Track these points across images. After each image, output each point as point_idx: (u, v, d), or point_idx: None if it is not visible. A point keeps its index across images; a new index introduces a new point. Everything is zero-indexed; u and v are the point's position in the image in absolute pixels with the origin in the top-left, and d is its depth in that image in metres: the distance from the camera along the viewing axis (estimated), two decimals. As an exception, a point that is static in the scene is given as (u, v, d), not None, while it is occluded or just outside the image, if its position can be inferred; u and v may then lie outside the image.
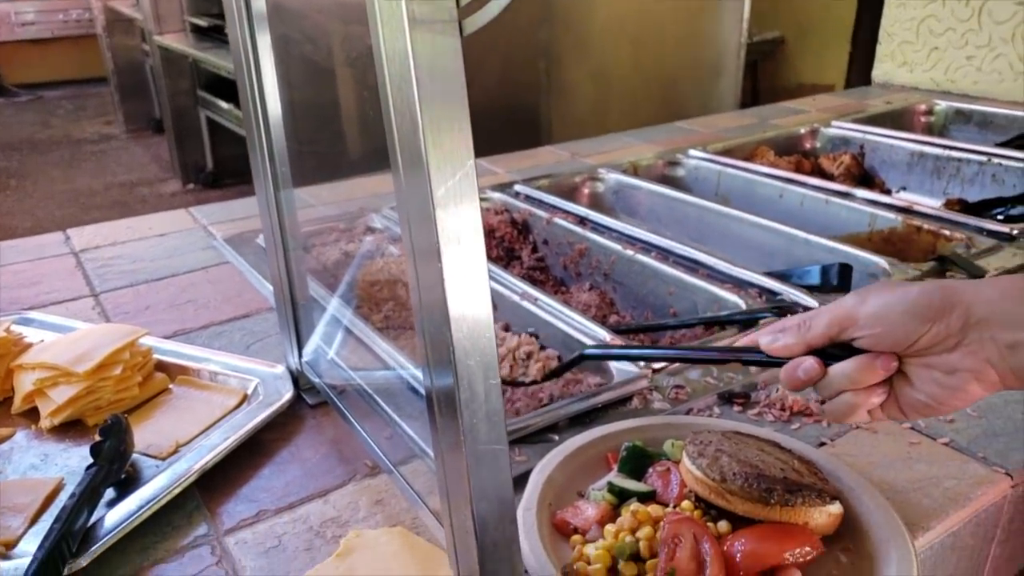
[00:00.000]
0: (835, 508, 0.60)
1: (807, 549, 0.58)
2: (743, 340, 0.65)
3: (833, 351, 0.58)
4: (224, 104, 3.95)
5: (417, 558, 0.62)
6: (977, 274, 1.03)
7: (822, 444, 0.74)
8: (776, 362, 0.60)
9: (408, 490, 0.67)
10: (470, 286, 0.47)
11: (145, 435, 0.74)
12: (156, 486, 0.66)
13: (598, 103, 3.04)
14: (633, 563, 0.58)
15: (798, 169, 1.69)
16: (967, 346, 0.53)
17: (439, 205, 0.44)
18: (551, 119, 2.96)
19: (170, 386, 0.83)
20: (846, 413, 0.58)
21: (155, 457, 0.72)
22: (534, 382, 0.82)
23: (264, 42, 0.71)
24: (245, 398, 0.81)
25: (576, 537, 0.62)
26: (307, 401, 0.83)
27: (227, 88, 3.89)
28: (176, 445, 0.73)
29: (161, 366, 0.85)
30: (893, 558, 0.58)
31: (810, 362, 0.58)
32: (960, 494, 0.67)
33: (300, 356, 0.83)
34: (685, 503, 0.62)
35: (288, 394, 0.80)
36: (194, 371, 0.85)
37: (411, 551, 0.63)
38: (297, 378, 0.84)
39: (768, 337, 0.60)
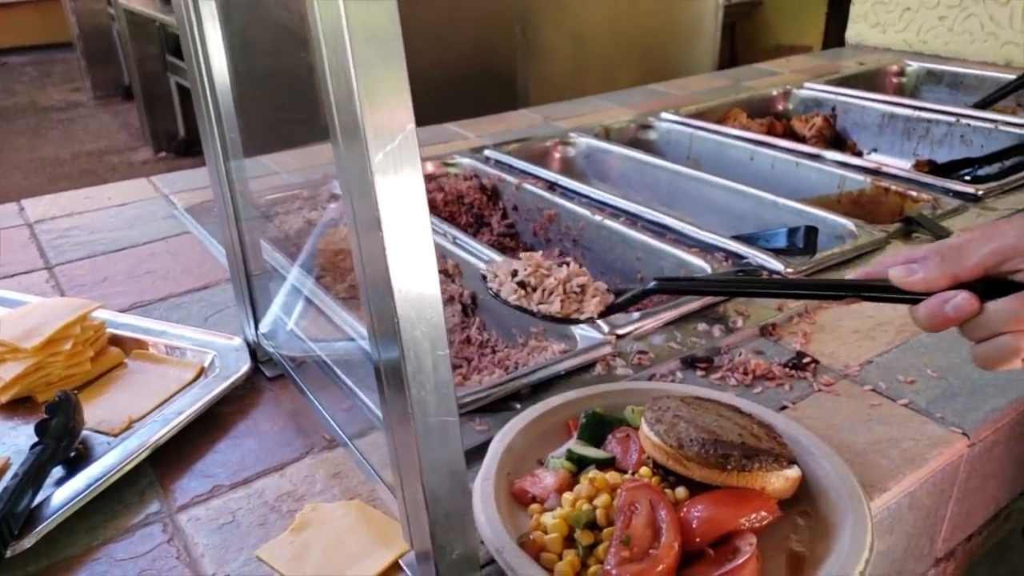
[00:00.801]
0: (793, 472, 0.60)
1: (763, 514, 0.58)
2: (863, 272, 0.60)
3: (978, 286, 0.52)
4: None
5: (373, 531, 0.61)
6: (942, 235, 1.03)
7: (783, 408, 0.74)
8: (910, 298, 0.54)
9: (364, 463, 0.67)
10: (414, 255, 0.45)
11: (97, 411, 0.73)
12: (106, 463, 0.64)
13: (575, 66, 3.01)
14: (590, 531, 0.58)
15: (770, 131, 1.68)
16: None
17: (378, 171, 0.43)
18: (528, 83, 2.92)
19: (125, 360, 0.82)
20: (1005, 358, 0.52)
21: (107, 434, 0.71)
22: (591, 319, 0.71)
23: (208, 5, 0.69)
24: (202, 371, 0.79)
25: (534, 506, 0.62)
26: (265, 373, 0.82)
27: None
28: (129, 421, 0.72)
29: (116, 340, 0.83)
30: (849, 521, 0.58)
31: (963, 296, 0.51)
32: (917, 455, 0.67)
33: (256, 328, 0.82)
34: (643, 469, 0.62)
35: (245, 367, 0.79)
36: (150, 345, 0.83)
37: (368, 524, 0.62)
38: (255, 350, 0.83)
39: (902, 269, 0.54)
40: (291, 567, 0.58)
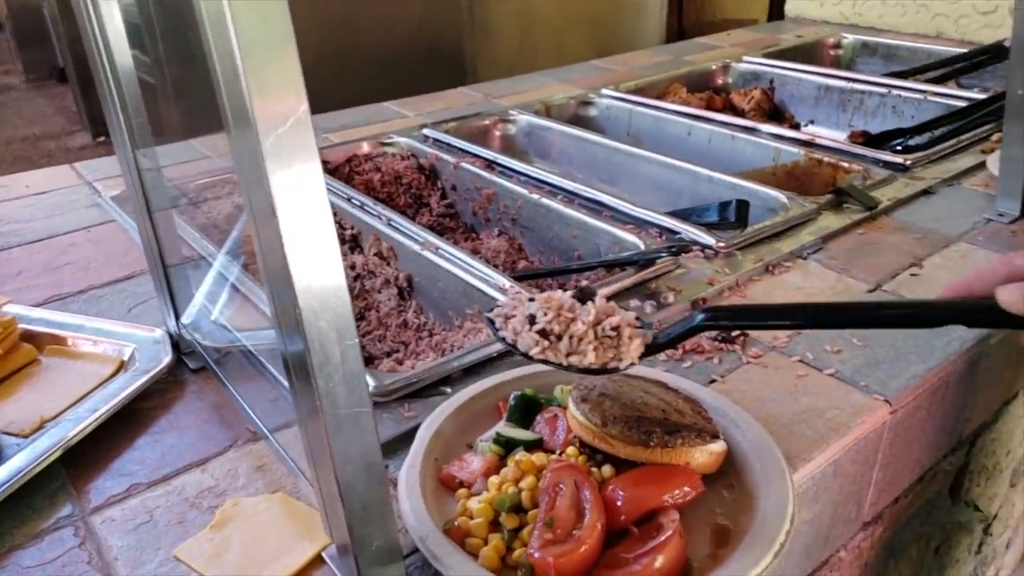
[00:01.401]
0: (717, 447, 0.60)
1: (687, 489, 0.58)
2: (956, 286, 0.52)
3: None
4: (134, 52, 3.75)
5: (296, 524, 0.60)
6: (871, 205, 1.04)
7: (712, 381, 0.74)
8: (1018, 324, 0.49)
9: (285, 456, 0.65)
10: (314, 243, 0.44)
11: (7, 412, 0.70)
12: (14, 466, 0.62)
13: (523, 42, 2.99)
14: (515, 514, 0.57)
15: (709, 106, 1.68)
16: None
17: (270, 155, 0.41)
18: (475, 60, 2.89)
19: (38, 357, 0.79)
20: None
21: (17, 435, 0.68)
22: (632, 365, 0.60)
23: (107, -14, 0.66)
24: (121, 366, 0.77)
25: (461, 491, 0.61)
26: (189, 366, 0.79)
27: (134, 32, 3.69)
28: (41, 421, 0.69)
29: (29, 336, 0.80)
30: (772, 491, 0.58)
31: None
32: (842, 423, 0.68)
33: (177, 319, 0.80)
34: (570, 449, 0.62)
35: (166, 360, 0.76)
36: (66, 340, 0.80)
37: (290, 517, 0.61)
38: (178, 342, 0.80)
39: (1017, 293, 0.48)
40: (209, 566, 0.57)
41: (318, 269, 0.44)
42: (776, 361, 0.76)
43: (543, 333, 0.59)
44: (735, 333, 0.79)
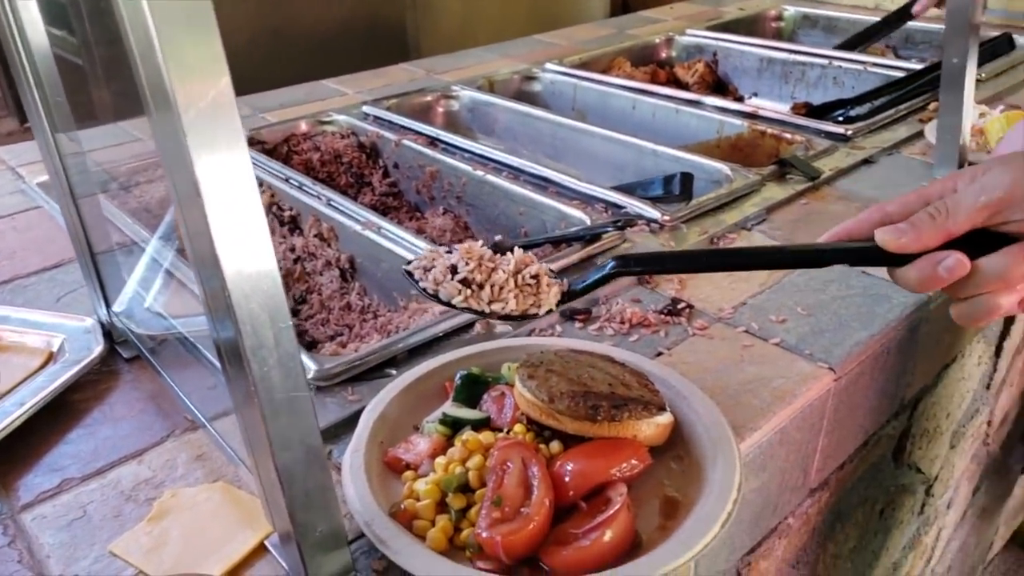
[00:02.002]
0: (663, 419, 0.60)
1: (635, 462, 0.57)
2: (841, 229, 0.56)
3: (963, 240, 0.50)
4: (57, 31, 3.61)
5: (238, 513, 0.58)
6: (814, 175, 1.05)
7: (659, 354, 0.74)
8: (898, 260, 0.52)
9: (224, 445, 0.63)
10: (241, 224, 0.42)
11: (-73, 409, 0.67)
12: (-66, 465, 0.59)
13: (465, 17, 2.94)
14: (462, 494, 0.56)
15: (654, 79, 1.68)
16: None
17: (190, 131, 0.39)
18: (416, 35, 2.84)
19: (-39, 351, 0.75)
20: (985, 315, 0.51)
21: (-62, 433, 0.65)
22: (550, 312, 0.63)
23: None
24: (51, 357, 0.74)
25: (408, 473, 0.60)
26: (123, 355, 0.76)
27: (59, 12, 3.55)
28: (-36, 416, 0.66)
29: (-51, 330, 0.77)
30: (719, 462, 0.58)
31: (955, 259, 0.49)
32: (787, 392, 0.68)
33: (108, 307, 0.77)
34: (517, 427, 0.61)
35: (98, 349, 0.73)
36: (-9, 332, 0.77)
37: (232, 506, 0.59)
38: (110, 331, 0.77)
39: (891, 232, 0.51)
40: (148, 560, 0.55)
41: (247, 250, 0.42)
42: (722, 332, 0.77)
43: (465, 282, 0.61)
44: (681, 306, 0.79)
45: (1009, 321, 1.07)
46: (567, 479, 0.56)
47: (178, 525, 0.57)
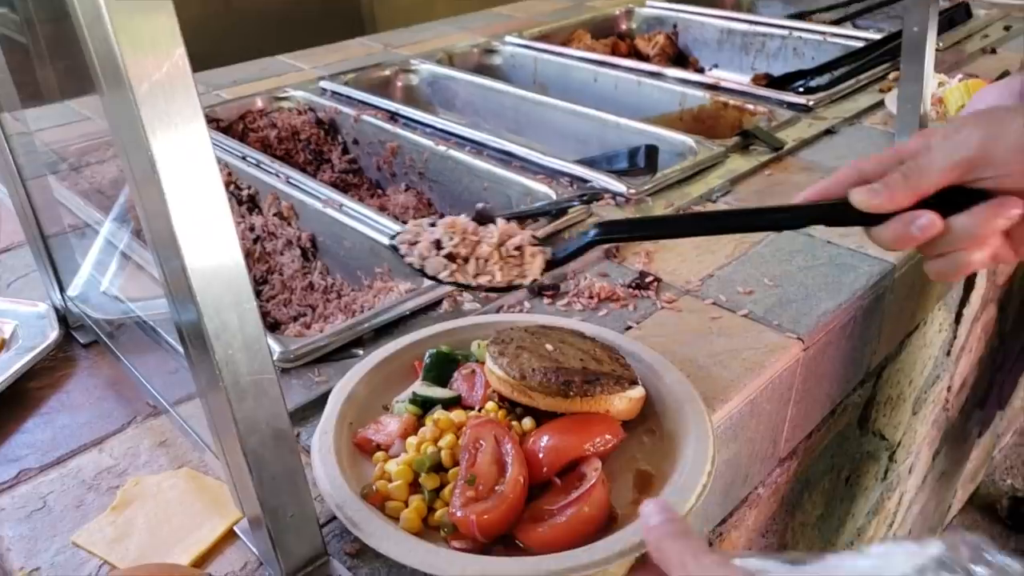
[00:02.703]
0: (635, 393, 0.60)
1: (608, 437, 0.57)
2: (810, 194, 0.55)
3: (936, 198, 0.50)
4: (-2, 9, 3.48)
5: (204, 500, 0.57)
6: (777, 146, 1.05)
7: (628, 328, 0.73)
8: (872, 219, 0.52)
9: (188, 430, 0.62)
10: (200, 203, 0.40)
11: None
12: None
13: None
14: (435, 474, 0.55)
15: (614, 52, 1.67)
16: None
17: (143, 104, 0.37)
18: (372, 9, 2.79)
19: (-94, 341, 0.72)
20: (959, 270, 0.51)
21: None
22: (535, 281, 0.62)
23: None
24: (2, 344, 0.71)
25: (379, 455, 0.59)
26: (79, 341, 0.74)
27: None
28: (-88, 408, 0.64)
29: None
30: (692, 436, 0.58)
31: (928, 218, 0.49)
32: (757, 363, 0.68)
33: (62, 292, 0.74)
34: (489, 404, 0.60)
35: (53, 335, 0.71)
36: (-62, 320, 0.74)
37: (198, 493, 0.57)
38: (65, 316, 0.75)
39: (864, 192, 0.51)
40: (112, 550, 0.53)
41: (208, 231, 0.41)
42: (690, 305, 0.77)
43: (450, 257, 0.60)
44: (649, 280, 0.79)
45: (968, 288, 1.09)
46: (541, 455, 0.55)
47: (143, 514, 0.56)
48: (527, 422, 0.59)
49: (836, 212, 0.55)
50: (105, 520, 0.55)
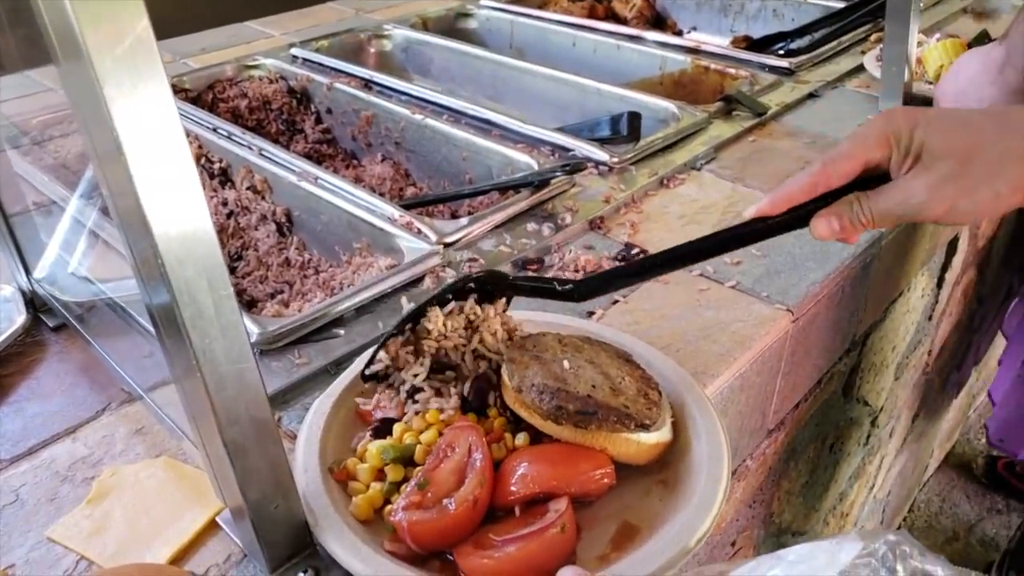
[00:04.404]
0: (649, 437, 0.52)
1: (593, 476, 0.51)
2: (772, 203, 0.56)
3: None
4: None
5: (184, 489, 0.55)
6: (760, 111, 1.04)
7: (615, 302, 0.72)
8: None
9: (164, 417, 0.59)
10: (171, 182, 0.38)
11: None
12: None
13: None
14: (401, 466, 0.53)
15: (591, 14, 1.63)
16: None
17: (107, 82, 0.35)
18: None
19: None
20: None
21: None
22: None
23: None
24: (-34, 330, 0.68)
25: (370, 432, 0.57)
26: (48, 324, 0.71)
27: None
28: None
29: None
30: (694, 502, 0.51)
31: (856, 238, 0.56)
32: (746, 336, 0.67)
33: (28, 274, 0.71)
34: (493, 410, 0.57)
35: (21, 319, 0.68)
36: None
37: (177, 482, 0.55)
38: (32, 299, 0.72)
39: (825, 231, 0.55)
40: (90, 544, 0.51)
41: (179, 211, 0.39)
42: (677, 277, 0.75)
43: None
44: (635, 252, 0.78)
45: (951, 253, 1.09)
46: (512, 478, 0.50)
47: (120, 505, 0.54)
48: (520, 438, 0.54)
49: (795, 227, 0.56)
50: (81, 513, 0.53)
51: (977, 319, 1.42)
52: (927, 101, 0.99)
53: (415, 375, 0.58)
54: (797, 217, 0.56)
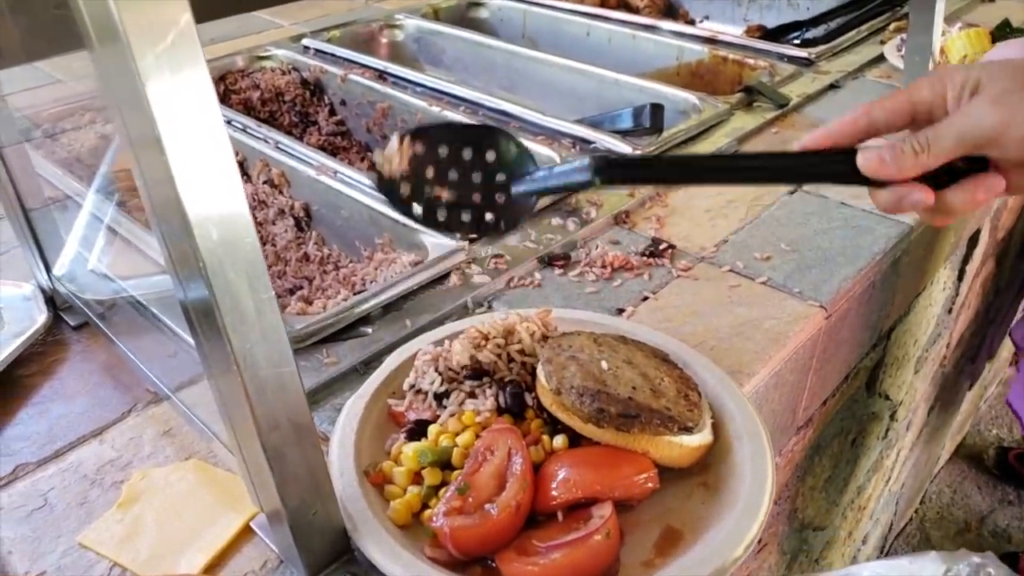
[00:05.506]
0: (692, 440, 0.52)
1: (637, 481, 0.50)
2: (820, 137, 0.52)
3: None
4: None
5: (216, 493, 0.54)
6: (782, 103, 1.02)
7: (645, 298, 0.71)
8: (867, 182, 0.50)
9: (193, 418, 0.58)
10: (212, 177, 0.37)
11: None
12: None
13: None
14: (439, 470, 0.52)
15: (604, 3, 1.62)
16: None
17: (149, 78, 0.34)
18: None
19: None
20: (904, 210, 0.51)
21: None
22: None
23: None
24: (-13, 329, 0.67)
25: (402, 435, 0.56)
26: (69, 323, 0.70)
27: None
28: None
29: None
30: (740, 503, 0.50)
31: (920, 195, 0.49)
32: (780, 333, 0.66)
33: (48, 271, 0.70)
34: (531, 412, 0.55)
35: (42, 318, 0.67)
36: (-84, 304, 0.70)
37: (209, 486, 0.55)
38: (52, 297, 0.71)
39: (874, 160, 0.49)
40: (122, 550, 0.50)
41: (219, 208, 0.37)
42: (706, 272, 0.74)
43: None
44: (662, 247, 0.77)
45: (972, 245, 1.07)
46: (553, 483, 0.49)
47: (152, 510, 0.53)
48: (559, 440, 0.53)
49: (838, 170, 0.51)
50: (112, 518, 0.52)
51: (993, 311, 1.41)
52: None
53: (431, 382, 0.57)
54: (841, 164, 0.51)
